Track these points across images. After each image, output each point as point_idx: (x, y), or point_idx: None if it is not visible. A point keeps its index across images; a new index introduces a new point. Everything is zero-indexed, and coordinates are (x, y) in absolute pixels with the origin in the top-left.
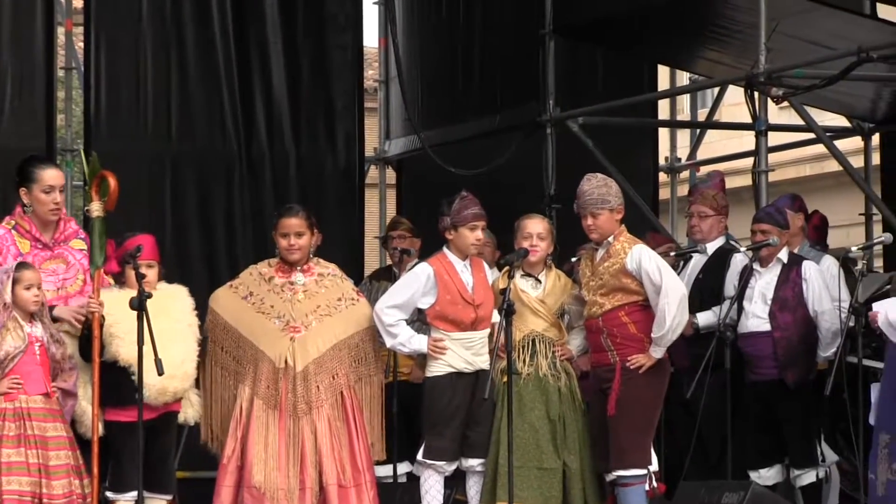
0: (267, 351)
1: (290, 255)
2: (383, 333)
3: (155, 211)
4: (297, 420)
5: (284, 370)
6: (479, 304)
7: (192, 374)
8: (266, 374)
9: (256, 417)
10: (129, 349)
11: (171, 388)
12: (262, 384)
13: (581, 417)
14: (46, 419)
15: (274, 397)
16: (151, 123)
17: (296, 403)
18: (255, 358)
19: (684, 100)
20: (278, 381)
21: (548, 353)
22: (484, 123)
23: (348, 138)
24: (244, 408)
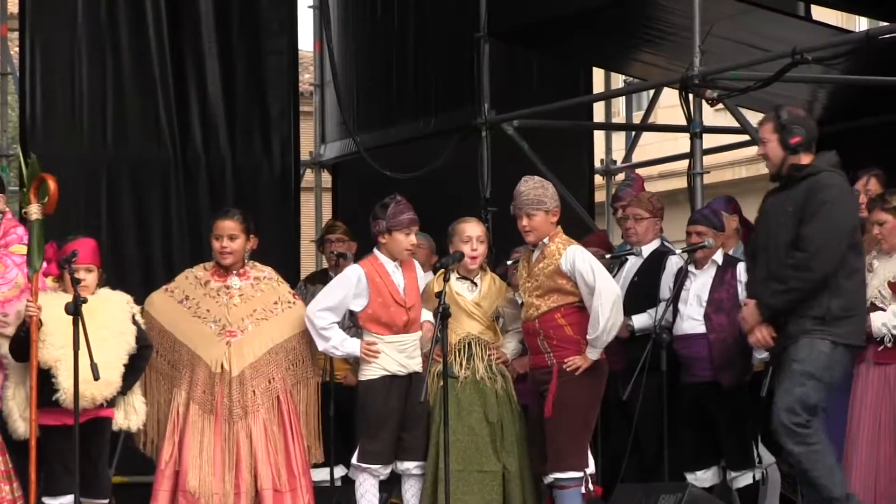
0: (203, 355)
1: (223, 259)
2: (315, 337)
3: (91, 215)
4: (233, 425)
5: (220, 375)
6: (410, 305)
7: (114, 381)
8: (202, 378)
9: (192, 422)
10: (50, 352)
11: (87, 394)
12: (198, 389)
13: (518, 420)
14: None
15: (210, 402)
16: (87, 128)
17: (231, 408)
18: (191, 362)
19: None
20: (214, 385)
21: (484, 356)
22: (419, 127)
23: (284, 143)
24: (180, 412)
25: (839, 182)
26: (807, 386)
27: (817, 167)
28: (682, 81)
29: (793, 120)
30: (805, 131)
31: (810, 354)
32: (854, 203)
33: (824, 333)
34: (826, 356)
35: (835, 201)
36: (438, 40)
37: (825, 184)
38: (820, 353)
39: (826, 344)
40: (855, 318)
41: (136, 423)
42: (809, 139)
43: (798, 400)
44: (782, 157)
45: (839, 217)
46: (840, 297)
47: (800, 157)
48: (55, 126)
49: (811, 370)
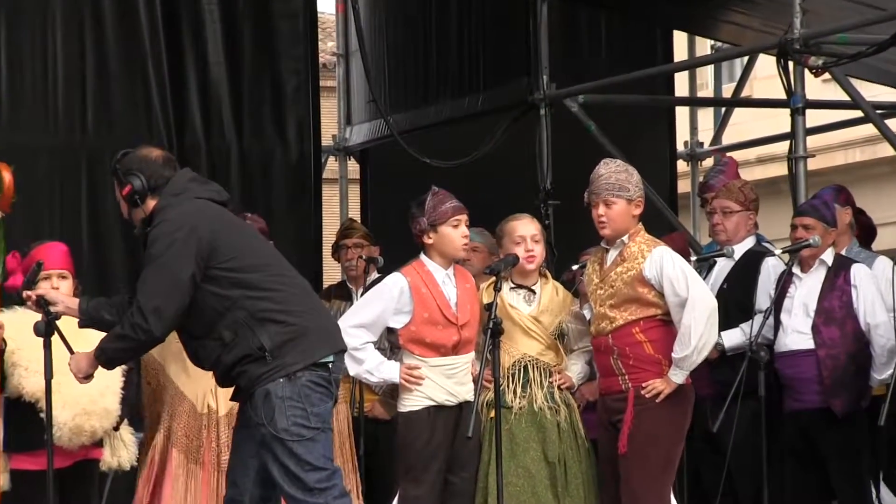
0: (186, 391)
1: None
2: (347, 359)
3: (69, 216)
4: (223, 475)
5: (208, 415)
6: (463, 323)
7: (113, 410)
8: (185, 419)
9: (174, 476)
10: (36, 381)
11: (87, 427)
12: (179, 432)
13: (585, 458)
14: None
15: (196, 449)
16: (63, 113)
17: (220, 454)
18: (172, 399)
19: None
20: (200, 428)
21: (543, 382)
22: (464, 105)
23: (301, 125)
24: (156, 459)
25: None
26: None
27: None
28: (780, 47)
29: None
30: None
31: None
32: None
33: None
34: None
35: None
36: (487, 1)
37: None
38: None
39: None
40: None
41: (127, 461)
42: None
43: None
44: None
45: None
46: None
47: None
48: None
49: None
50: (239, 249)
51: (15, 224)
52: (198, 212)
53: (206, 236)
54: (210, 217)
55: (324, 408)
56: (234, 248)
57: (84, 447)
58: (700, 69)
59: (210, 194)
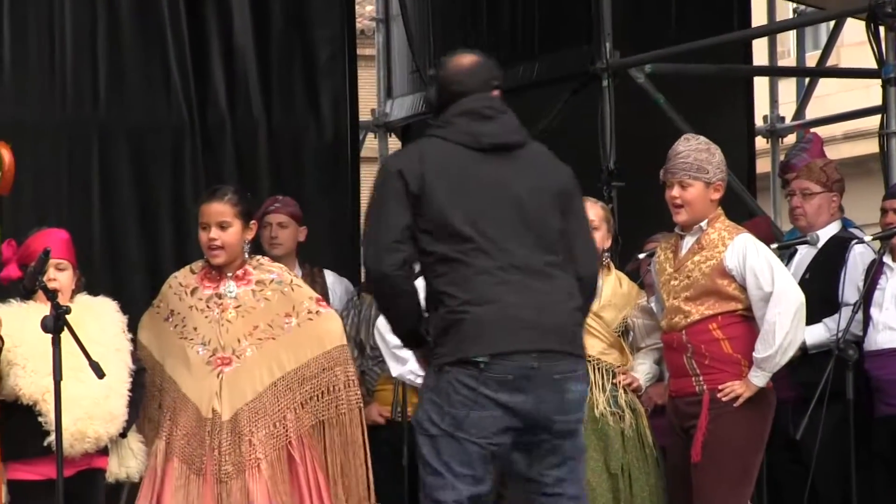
0: (189, 393)
1: (212, 257)
2: (388, 358)
3: (78, 201)
4: (225, 485)
5: (212, 420)
6: None
7: (119, 414)
8: (186, 425)
9: (175, 487)
10: (34, 381)
11: (90, 433)
12: (179, 439)
13: (653, 468)
14: None
15: (199, 458)
16: (71, 85)
17: (221, 465)
18: (174, 403)
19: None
20: (203, 434)
21: (606, 385)
22: (518, 75)
23: (336, 98)
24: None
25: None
26: None
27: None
28: (870, 10)
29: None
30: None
31: None
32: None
33: None
34: None
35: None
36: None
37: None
38: None
39: None
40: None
41: (136, 471)
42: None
43: None
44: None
45: None
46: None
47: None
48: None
49: None
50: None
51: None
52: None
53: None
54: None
55: (463, 412)
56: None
57: (87, 455)
58: (781, 35)
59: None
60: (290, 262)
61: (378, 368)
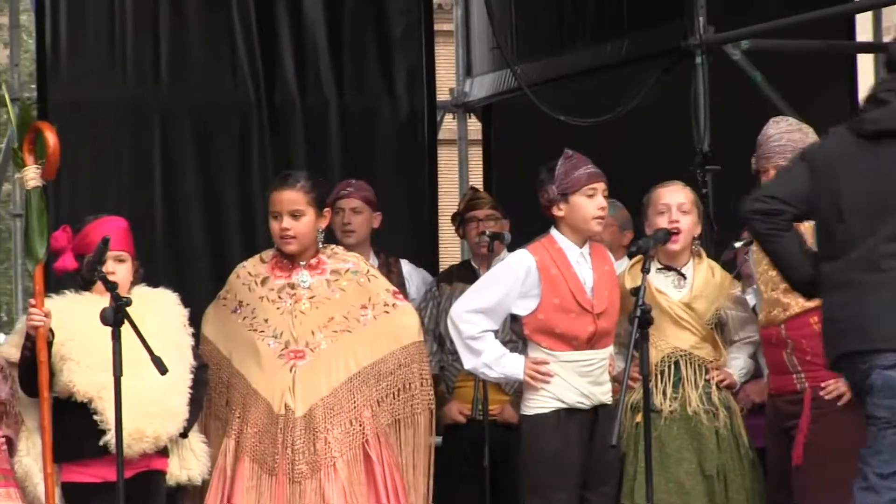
0: (260, 388)
1: (285, 246)
2: (461, 350)
3: (138, 183)
4: (298, 485)
5: (285, 416)
6: (600, 311)
7: (179, 412)
8: (257, 422)
9: (246, 488)
10: (89, 377)
11: (149, 432)
12: (250, 437)
13: (749, 470)
14: None
15: (271, 456)
16: (132, 63)
17: (294, 463)
18: (244, 399)
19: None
20: (276, 432)
21: (699, 381)
22: (605, 52)
23: (412, 76)
24: (228, 471)
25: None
26: None
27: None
28: None
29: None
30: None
31: None
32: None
33: None
34: None
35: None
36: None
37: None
38: None
39: None
40: None
41: (198, 473)
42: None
43: None
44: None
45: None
46: None
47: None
48: (87, 60)
49: None
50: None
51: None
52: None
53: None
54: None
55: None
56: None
57: (146, 456)
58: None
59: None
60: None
61: (458, 364)
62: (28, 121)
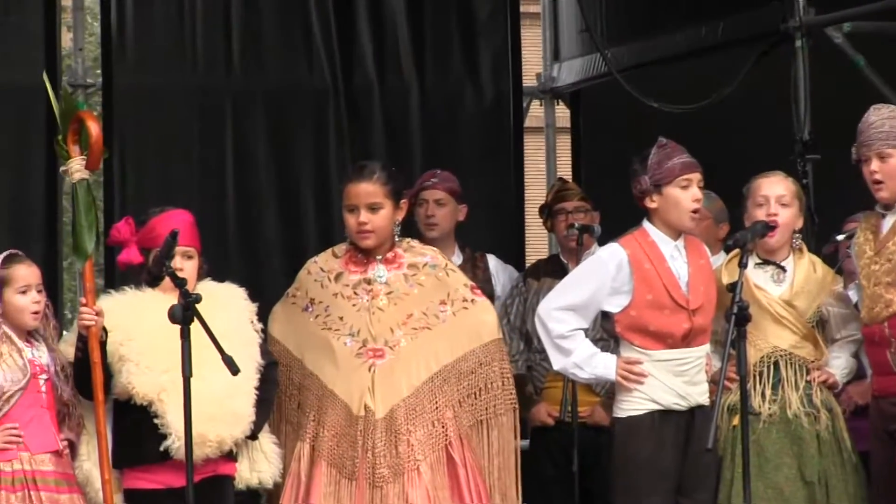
0: (337, 389)
1: (362, 241)
2: (550, 350)
3: (208, 175)
4: (379, 491)
5: (365, 418)
6: (695, 308)
7: (245, 414)
8: (335, 424)
9: (324, 493)
10: (148, 378)
11: (212, 436)
12: (327, 440)
13: (852, 476)
14: (60, 488)
15: (350, 460)
16: (202, 47)
17: (375, 467)
18: (320, 401)
19: None
20: (355, 434)
21: (799, 382)
22: (700, 36)
23: (497, 61)
24: (303, 476)
25: None
26: None
27: None
28: None
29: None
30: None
31: None
32: None
33: None
34: None
35: None
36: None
37: None
38: None
39: None
40: None
41: (269, 476)
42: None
43: None
44: None
45: None
46: None
47: None
48: (154, 45)
49: None
50: None
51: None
52: None
53: None
54: None
55: None
56: None
57: (210, 461)
58: None
59: None
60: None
61: (546, 364)
62: (71, 110)
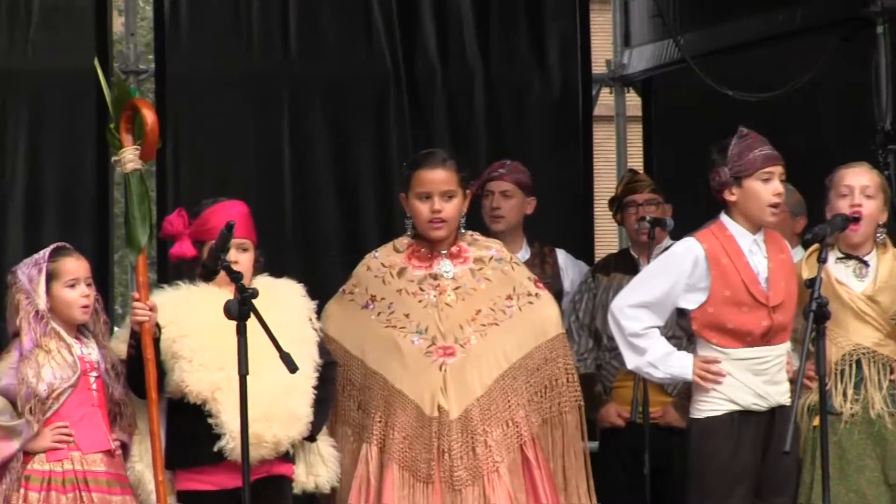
0: (406, 389)
1: (434, 231)
2: (624, 348)
3: (264, 165)
4: (458, 495)
5: (438, 419)
6: (775, 304)
7: (302, 414)
8: (405, 426)
9: (398, 497)
10: (202, 376)
11: (268, 436)
12: (397, 443)
13: None
14: (112, 489)
15: (424, 462)
16: (258, 33)
17: (452, 470)
18: (386, 401)
19: None
20: (429, 436)
21: (882, 382)
22: (777, 21)
23: (565, 47)
24: (372, 480)
25: None
26: None
27: None
28: None
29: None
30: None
31: None
32: None
33: None
34: None
35: None
36: None
37: None
38: None
39: None
40: None
41: (326, 480)
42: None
43: None
44: None
45: None
46: None
47: None
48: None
49: None
50: None
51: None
52: None
53: None
54: None
55: None
56: None
57: (266, 462)
58: None
59: None
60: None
61: (616, 362)
62: (124, 98)
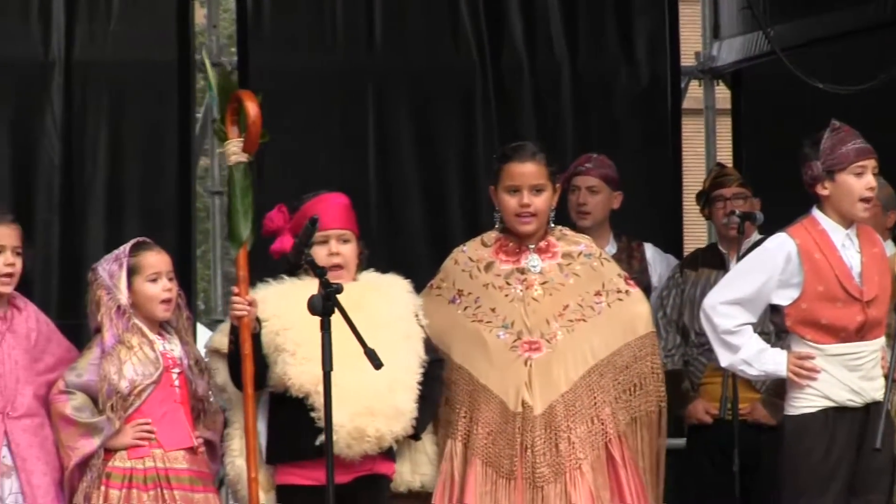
0: (491, 384)
1: (523, 225)
2: (717, 345)
3: (349, 159)
4: (539, 491)
5: (522, 414)
6: (870, 299)
7: (406, 410)
8: (489, 421)
9: (480, 493)
10: (305, 369)
11: (370, 431)
12: (481, 438)
13: None
14: (195, 487)
15: (507, 458)
16: (343, 25)
17: (535, 466)
18: (471, 396)
19: None
20: (513, 432)
21: None
22: (868, 12)
23: (653, 39)
24: (456, 476)
25: None
26: None
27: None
28: None
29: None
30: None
31: None
32: None
33: None
34: None
35: None
36: None
37: None
38: None
39: None
40: None
41: (432, 479)
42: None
43: None
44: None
45: None
46: None
47: None
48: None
49: None
50: None
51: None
52: None
53: None
54: None
55: None
56: None
57: (368, 458)
58: None
59: None
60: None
61: (704, 358)
62: (229, 89)
